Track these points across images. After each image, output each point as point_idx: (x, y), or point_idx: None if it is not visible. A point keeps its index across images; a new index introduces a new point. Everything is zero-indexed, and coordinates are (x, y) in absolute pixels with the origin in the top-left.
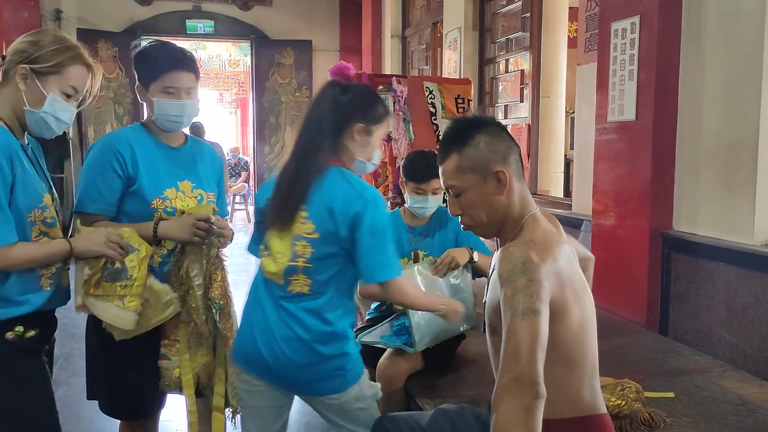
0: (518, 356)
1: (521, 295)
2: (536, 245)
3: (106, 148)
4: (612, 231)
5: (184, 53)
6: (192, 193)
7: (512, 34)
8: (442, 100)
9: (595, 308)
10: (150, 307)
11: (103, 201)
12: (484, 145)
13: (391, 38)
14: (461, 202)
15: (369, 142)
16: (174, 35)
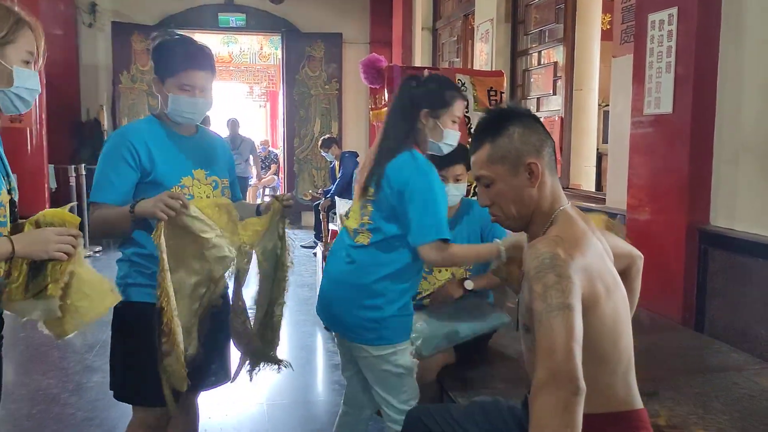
0: (554, 351)
1: (552, 290)
2: (564, 241)
3: (119, 140)
4: (647, 226)
5: (203, 51)
6: (206, 181)
7: (545, 25)
8: (474, 92)
9: (631, 302)
10: (86, 299)
11: (114, 191)
12: (517, 136)
13: (422, 30)
14: (491, 193)
15: (437, 125)
16: (206, 29)
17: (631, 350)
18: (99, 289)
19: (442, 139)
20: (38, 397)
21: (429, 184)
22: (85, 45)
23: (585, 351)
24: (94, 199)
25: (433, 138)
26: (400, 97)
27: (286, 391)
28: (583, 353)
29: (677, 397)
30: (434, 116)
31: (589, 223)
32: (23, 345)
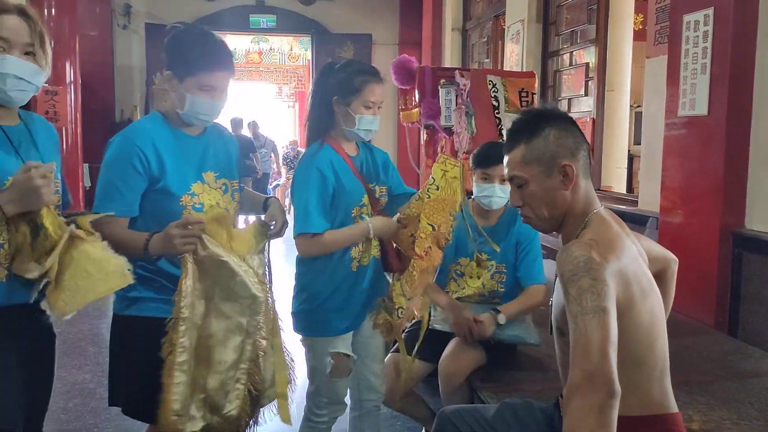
0: (590, 354)
1: (588, 294)
2: (598, 244)
3: (127, 144)
4: (680, 229)
5: (224, 49)
6: (216, 184)
7: (577, 26)
8: (505, 93)
9: (666, 306)
10: (88, 278)
11: (123, 202)
12: (553, 138)
13: (452, 31)
14: (523, 194)
15: (348, 112)
16: (237, 30)
17: (666, 354)
18: (105, 269)
19: (356, 125)
20: (74, 390)
21: (302, 177)
22: (120, 46)
23: (621, 354)
24: (101, 210)
25: (347, 125)
26: (314, 87)
27: None
28: (619, 356)
29: (711, 401)
30: (345, 103)
31: (623, 227)
32: (60, 340)
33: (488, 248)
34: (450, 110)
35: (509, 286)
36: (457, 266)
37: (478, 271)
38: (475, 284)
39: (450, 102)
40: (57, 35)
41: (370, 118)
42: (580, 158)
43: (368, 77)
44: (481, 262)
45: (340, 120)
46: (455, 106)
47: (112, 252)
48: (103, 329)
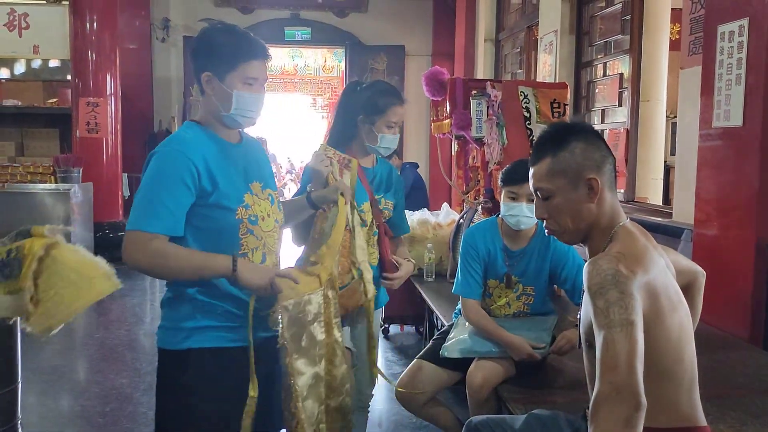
0: (617, 366)
1: (615, 307)
2: (625, 257)
3: (176, 157)
4: (715, 241)
5: (255, 38)
6: (264, 194)
7: (611, 36)
8: (537, 104)
9: (693, 319)
10: (72, 286)
11: (171, 219)
12: (579, 151)
13: (485, 42)
14: (548, 206)
15: (371, 130)
16: (272, 42)
17: (694, 366)
18: (89, 274)
19: (377, 143)
20: (111, 395)
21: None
22: (159, 59)
23: (649, 366)
24: (144, 227)
25: (369, 142)
26: (340, 102)
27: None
28: (648, 368)
29: (742, 416)
30: (369, 122)
31: (649, 239)
32: (98, 345)
33: (519, 270)
34: (481, 121)
35: (536, 309)
36: (486, 287)
37: (506, 292)
38: (501, 302)
39: (481, 113)
40: (98, 49)
41: (391, 138)
42: (605, 172)
43: (392, 99)
44: (512, 283)
45: (362, 136)
46: (486, 117)
47: (91, 255)
48: (141, 335)
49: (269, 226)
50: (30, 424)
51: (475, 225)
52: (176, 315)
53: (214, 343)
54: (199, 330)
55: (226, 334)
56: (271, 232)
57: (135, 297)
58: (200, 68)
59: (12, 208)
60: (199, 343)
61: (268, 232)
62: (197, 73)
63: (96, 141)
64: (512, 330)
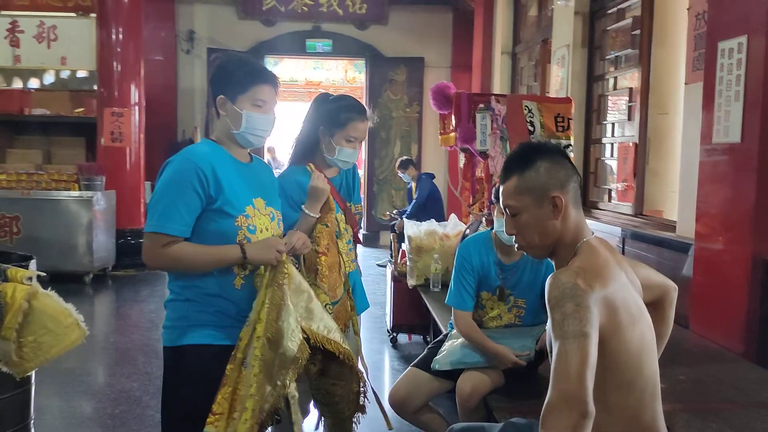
0: (567, 376)
1: (570, 319)
2: (585, 272)
3: (187, 166)
4: (714, 256)
5: (266, 68)
6: (265, 211)
7: (621, 50)
8: (540, 118)
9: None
10: (49, 334)
11: (182, 222)
12: (544, 170)
13: (501, 55)
14: (516, 222)
15: (330, 142)
16: (294, 54)
17: (656, 378)
18: (64, 323)
19: (336, 155)
20: (121, 398)
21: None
22: (183, 70)
23: (610, 377)
24: (161, 230)
25: (328, 154)
26: (307, 113)
27: None
28: (610, 379)
29: (724, 428)
30: (329, 134)
31: (614, 253)
32: (112, 348)
33: (512, 282)
34: (485, 135)
35: (527, 321)
36: (479, 299)
37: (498, 304)
38: (493, 314)
39: (485, 127)
40: (123, 60)
41: (349, 151)
42: (569, 189)
43: (353, 114)
44: (504, 296)
45: (323, 147)
46: (490, 131)
47: (64, 303)
48: (154, 340)
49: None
50: (42, 425)
51: (470, 238)
52: (174, 315)
53: (206, 340)
54: (193, 327)
55: (217, 333)
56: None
57: (152, 303)
58: (216, 92)
59: (37, 214)
60: (193, 340)
61: None
62: (214, 97)
63: (119, 150)
64: (499, 339)
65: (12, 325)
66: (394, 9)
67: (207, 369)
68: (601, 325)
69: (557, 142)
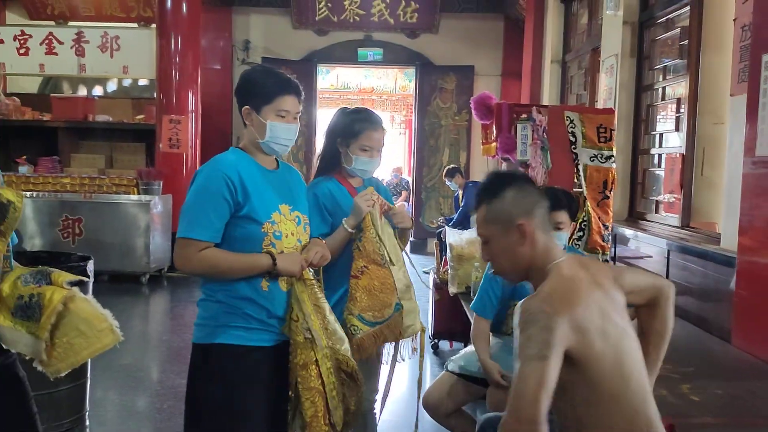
0: (523, 397)
1: (532, 342)
2: (551, 297)
3: (216, 174)
4: (757, 269)
5: (291, 79)
6: (291, 216)
7: (671, 60)
8: (582, 129)
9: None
10: (81, 337)
11: (212, 229)
12: (509, 199)
13: (551, 63)
14: (488, 250)
15: (347, 153)
16: (345, 63)
17: (645, 386)
18: (97, 327)
19: (352, 164)
20: (170, 393)
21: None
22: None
23: (595, 397)
24: (191, 235)
25: (345, 164)
26: (327, 127)
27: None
28: (595, 395)
29: None
30: (345, 144)
31: (588, 270)
32: (165, 347)
33: None
34: (526, 145)
35: None
36: (510, 308)
37: None
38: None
39: (526, 137)
40: (181, 69)
41: (365, 160)
42: (536, 216)
43: (366, 124)
44: None
45: (342, 158)
46: (531, 141)
47: (101, 308)
48: None
49: (291, 243)
50: (96, 416)
51: None
52: (206, 314)
53: (233, 341)
54: (223, 328)
55: (245, 334)
56: (291, 249)
57: None
58: (242, 103)
59: (98, 217)
60: (222, 339)
61: (289, 249)
62: (240, 107)
63: (176, 156)
64: (504, 351)
65: (45, 326)
66: (444, 18)
67: (233, 368)
68: (571, 347)
69: (599, 152)
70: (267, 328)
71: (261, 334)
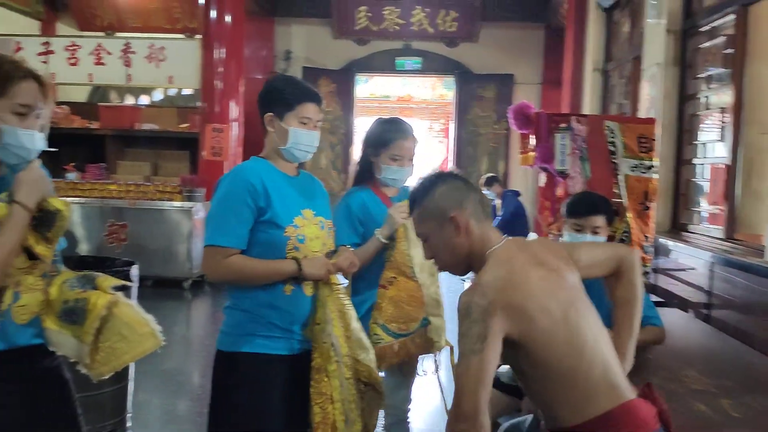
0: (460, 394)
1: (464, 338)
2: (484, 286)
3: (238, 182)
4: None
5: (311, 87)
6: (314, 220)
7: (715, 69)
8: (622, 139)
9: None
10: (123, 341)
11: (237, 235)
12: (439, 195)
13: (593, 72)
14: (429, 246)
15: (378, 163)
16: (384, 72)
17: (603, 351)
18: (139, 331)
19: (383, 174)
20: None
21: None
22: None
23: (550, 375)
24: (217, 242)
25: (377, 173)
26: (362, 138)
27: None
28: (550, 377)
29: None
30: (375, 154)
31: (528, 250)
32: (206, 352)
33: None
34: (564, 155)
35: None
36: None
37: None
38: None
39: (565, 147)
40: (225, 79)
41: (395, 169)
42: (467, 206)
43: (397, 134)
44: None
45: (375, 169)
46: (570, 151)
47: (144, 313)
48: None
49: (315, 247)
50: (137, 419)
51: None
52: (231, 321)
53: (257, 349)
54: (248, 336)
55: (269, 343)
56: (316, 253)
57: None
58: (264, 110)
59: (143, 223)
60: (247, 348)
61: (314, 253)
62: (262, 115)
63: (218, 164)
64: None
65: (90, 330)
66: (485, 26)
67: (257, 377)
68: (512, 332)
69: (640, 162)
70: (291, 336)
71: (285, 342)
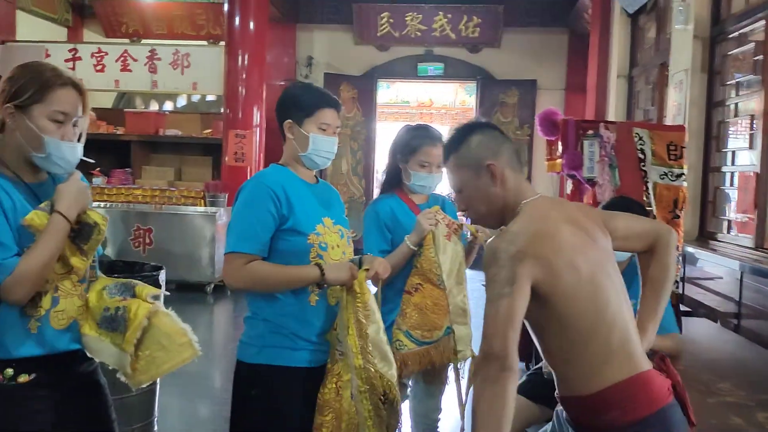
0: (490, 335)
1: (493, 283)
2: (514, 235)
3: (260, 189)
4: None
5: (329, 93)
6: (334, 228)
7: (743, 76)
8: (652, 146)
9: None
10: (162, 350)
11: (259, 242)
12: (475, 144)
13: (617, 78)
14: (463, 198)
15: (407, 169)
16: (406, 78)
17: (625, 318)
18: (177, 341)
19: (411, 180)
20: None
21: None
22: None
23: (569, 334)
24: (239, 249)
25: (406, 180)
26: (390, 145)
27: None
28: (571, 330)
29: None
30: (404, 161)
31: (562, 210)
32: (230, 356)
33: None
34: (593, 162)
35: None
36: None
37: None
38: None
39: (593, 154)
40: (248, 85)
41: (423, 175)
42: (503, 155)
43: (426, 140)
44: None
45: (405, 177)
46: (598, 158)
47: (181, 323)
48: None
49: (337, 255)
50: (164, 422)
51: None
52: (252, 332)
53: (279, 362)
54: (269, 348)
55: (290, 354)
56: (338, 261)
57: None
58: (283, 117)
59: (167, 227)
60: (268, 360)
61: (336, 261)
62: (281, 122)
63: (241, 169)
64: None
65: (131, 340)
66: (507, 32)
67: (278, 389)
68: (537, 282)
69: (669, 170)
70: (313, 347)
71: (307, 354)
